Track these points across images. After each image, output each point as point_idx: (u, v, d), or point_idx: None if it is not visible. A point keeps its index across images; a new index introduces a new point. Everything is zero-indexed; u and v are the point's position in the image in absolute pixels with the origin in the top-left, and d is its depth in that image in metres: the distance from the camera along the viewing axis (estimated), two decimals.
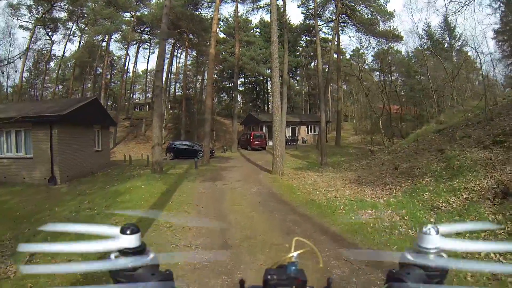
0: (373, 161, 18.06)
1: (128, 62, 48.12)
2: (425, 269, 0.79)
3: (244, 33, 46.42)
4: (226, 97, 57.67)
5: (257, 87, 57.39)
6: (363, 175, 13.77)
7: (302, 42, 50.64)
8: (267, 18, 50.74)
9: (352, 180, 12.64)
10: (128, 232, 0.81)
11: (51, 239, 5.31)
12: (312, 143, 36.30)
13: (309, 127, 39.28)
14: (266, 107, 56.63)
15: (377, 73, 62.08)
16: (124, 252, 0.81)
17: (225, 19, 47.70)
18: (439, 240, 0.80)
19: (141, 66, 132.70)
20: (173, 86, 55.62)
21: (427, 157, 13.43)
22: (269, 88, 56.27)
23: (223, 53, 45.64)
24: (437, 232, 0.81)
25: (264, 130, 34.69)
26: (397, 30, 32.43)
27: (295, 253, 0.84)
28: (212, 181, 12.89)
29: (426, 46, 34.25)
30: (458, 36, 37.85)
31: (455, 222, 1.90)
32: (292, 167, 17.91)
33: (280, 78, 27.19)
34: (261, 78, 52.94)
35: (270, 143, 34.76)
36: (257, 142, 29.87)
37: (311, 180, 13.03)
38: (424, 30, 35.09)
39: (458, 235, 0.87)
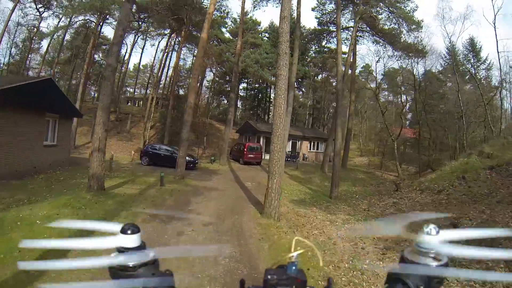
0: (403, 202, 13.00)
1: (125, 53, 42.98)
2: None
3: (251, 34, 41.70)
4: (225, 101, 52.37)
5: (259, 95, 52.12)
6: None
7: (311, 52, 46.06)
8: (277, 20, 46.26)
9: (390, 244, 7.49)
10: (128, 232, 0.77)
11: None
12: (315, 162, 31.13)
13: (311, 143, 34.07)
14: (266, 117, 51.51)
15: (385, 92, 57.46)
16: (124, 252, 0.76)
17: (233, 20, 43.16)
18: (439, 240, 0.75)
19: (144, 59, 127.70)
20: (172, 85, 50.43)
21: (505, 212, 8.46)
22: (271, 97, 51.30)
23: (227, 53, 40.74)
24: (438, 232, 0.76)
25: (261, 142, 29.55)
26: (422, 43, 27.39)
27: (295, 253, 0.80)
28: (165, 222, 7.57)
29: (448, 65, 29.40)
30: (484, 58, 33.00)
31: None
32: (292, 199, 12.78)
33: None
34: (264, 85, 47.99)
35: (267, 157, 29.67)
36: (251, 156, 24.64)
37: (323, 235, 7.88)
38: (447, 49, 30.08)
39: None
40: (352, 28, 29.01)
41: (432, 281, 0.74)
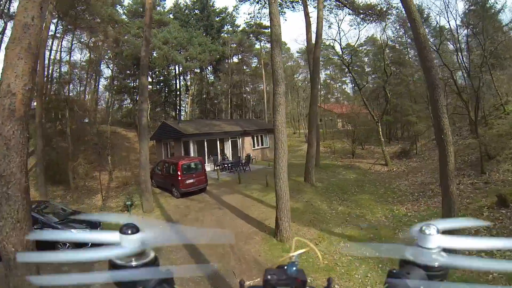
0: None
1: None
2: (425, 268, 0.72)
3: (155, 11, 30.69)
4: (128, 100, 39.16)
5: (166, 88, 39.63)
6: None
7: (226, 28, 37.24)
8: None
9: None
10: (129, 232, 0.73)
11: None
12: (268, 163, 22.11)
13: (255, 138, 25.40)
14: (179, 116, 39.44)
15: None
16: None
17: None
18: (439, 240, 0.72)
19: None
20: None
21: None
22: (181, 89, 40.12)
23: (125, 37, 28.99)
24: (438, 231, 0.73)
25: (191, 152, 19.81)
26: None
27: (295, 253, 0.77)
28: None
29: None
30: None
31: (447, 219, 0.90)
32: None
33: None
34: (174, 72, 36.98)
35: (208, 168, 19.92)
36: (191, 181, 14.10)
37: None
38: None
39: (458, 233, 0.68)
40: None
41: (432, 280, 0.70)
